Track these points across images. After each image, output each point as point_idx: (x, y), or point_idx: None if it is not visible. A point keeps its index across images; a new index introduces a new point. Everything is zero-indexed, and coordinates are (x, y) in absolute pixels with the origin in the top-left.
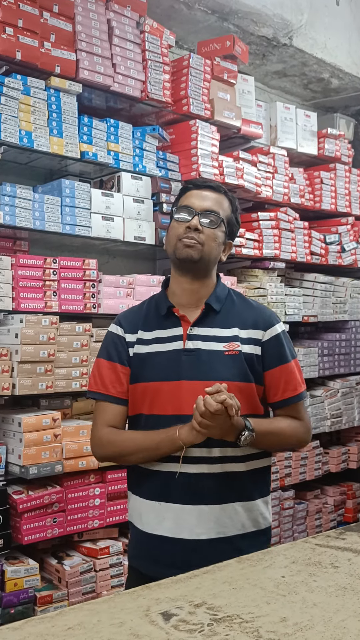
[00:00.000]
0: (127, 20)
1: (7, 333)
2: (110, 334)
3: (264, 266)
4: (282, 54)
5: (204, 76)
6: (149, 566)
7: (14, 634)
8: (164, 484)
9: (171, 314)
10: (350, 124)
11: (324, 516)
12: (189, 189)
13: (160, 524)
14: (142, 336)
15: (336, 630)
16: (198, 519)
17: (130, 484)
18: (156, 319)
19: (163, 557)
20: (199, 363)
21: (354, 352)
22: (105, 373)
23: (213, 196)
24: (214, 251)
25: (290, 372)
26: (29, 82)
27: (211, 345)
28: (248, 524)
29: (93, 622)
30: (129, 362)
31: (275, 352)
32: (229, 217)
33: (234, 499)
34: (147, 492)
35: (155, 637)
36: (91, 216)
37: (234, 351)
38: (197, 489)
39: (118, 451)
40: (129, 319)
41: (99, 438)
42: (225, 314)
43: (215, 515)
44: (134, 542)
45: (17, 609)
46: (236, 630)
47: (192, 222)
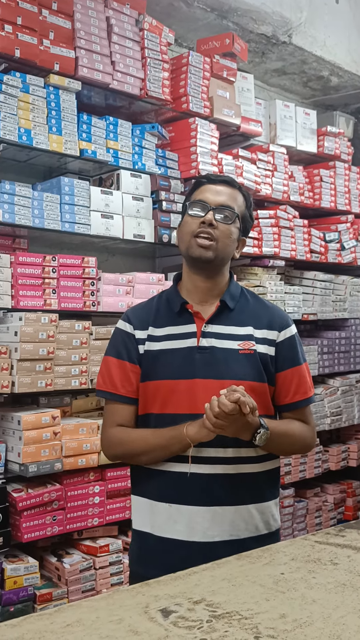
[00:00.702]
0: (126, 18)
1: (6, 331)
2: (118, 331)
3: (263, 264)
4: (282, 51)
5: (203, 74)
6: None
7: (12, 630)
8: (175, 485)
9: (184, 311)
10: (350, 121)
11: (324, 514)
12: (202, 184)
13: (171, 527)
14: (153, 333)
15: (335, 626)
16: (212, 521)
17: (136, 486)
18: (168, 315)
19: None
20: (214, 361)
21: (353, 350)
22: (114, 372)
23: (228, 191)
24: (228, 248)
25: (302, 375)
26: (28, 80)
27: (226, 343)
28: (261, 526)
29: (92, 619)
30: (139, 360)
31: (289, 354)
32: (243, 213)
33: (248, 500)
34: (156, 493)
35: (154, 633)
36: (90, 214)
37: (249, 350)
38: (211, 490)
39: (128, 450)
40: (138, 315)
41: (108, 438)
42: (239, 312)
43: (230, 517)
44: (139, 548)
45: (17, 607)
46: (235, 626)
47: (207, 217)
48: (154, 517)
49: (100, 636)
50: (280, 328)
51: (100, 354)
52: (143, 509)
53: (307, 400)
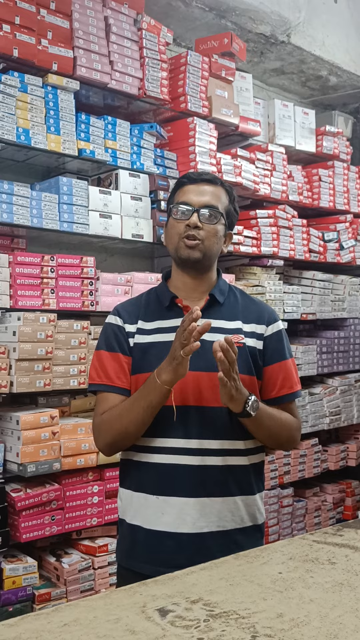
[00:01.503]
0: (124, 18)
1: (4, 331)
2: (109, 325)
3: (262, 264)
4: (280, 51)
5: (201, 73)
6: (145, 565)
7: (10, 630)
8: (164, 477)
9: (174, 305)
10: (349, 121)
11: (322, 514)
12: (184, 184)
13: (160, 518)
14: (142, 326)
15: (332, 626)
16: (201, 512)
17: (124, 479)
18: (158, 309)
19: (163, 554)
20: (204, 354)
21: (352, 350)
22: (108, 364)
23: (210, 189)
24: (215, 246)
25: (288, 370)
26: (26, 80)
27: (215, 336)
28: (246, 518)
29: (89, 619)
30: (130, 352)
31: (276, 348)
32: (227, 209)
33: (235, 492)
34: (144, 486)
35: (152, 633)
36: (89, 214)
37: (239, 343)
38: (200, 481)
39: (116, 428)
40: (128, 309)
41: (98, 425)
42: (228, 307)
43: (217, 508)
44: (127, 541)
45: (16, 607)
46: (232, 626)
47: (192, 220)
48: (142, 510)
49: (98, 636)
50: (268, 322)
51: None
52: (128, 501)
53: (293, 394)
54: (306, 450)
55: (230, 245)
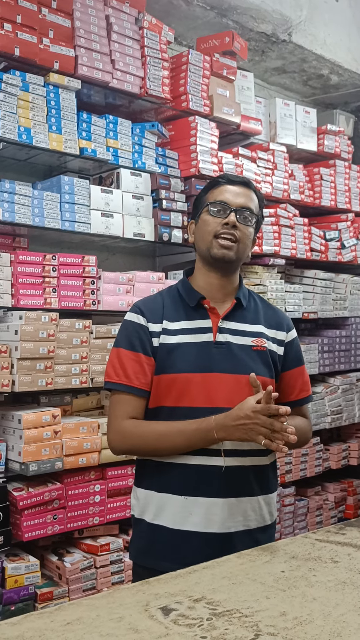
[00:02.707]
0: (125, 17)
1: (6, 330)
2: (131, 323)
3: (263, 263)
4: (282, 50)
5: (203, 72)
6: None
7: (13, 629)
8: (191, 478)
9: (200, 306)
10: (350, 120)
11: (324, 513)
12: (220, 184)
13: (187, 518)
14: (167, 326)
15: (335, 624)
16: (228, 512)
17: (144, 479)
18: (182, 309)
19: (189, 553)
20: (231, 356)
21: (354, 349)
22: (128, 364)
23: (246, 192)
24: (247, 249)
25: (305, 374)
26: (27, 79)
27: (240, 339)
28: (267, 516)
29: (92, 617)
30: (154, 352)
31: (295, 354)
32: (258, 214)
33: (258, 492)
34: (170, 486)
35: (155, 631)
36: (90, 213)
37: (262, 347)
38: (228, 482)
39: (144, 443)
40: (150, 308)
41: (121, 431)
42: (250, 311)
43: (243, 508)
44: (146, 540)
45: (18, 606)
46: (235, 624)
47: (230, 219)
48: (167, 510)
49: (101, 634)
50: (288, 329)
51: (100, 352)
52: (154, 502)
53: (309, 397)
54: (308, 449)
55: None
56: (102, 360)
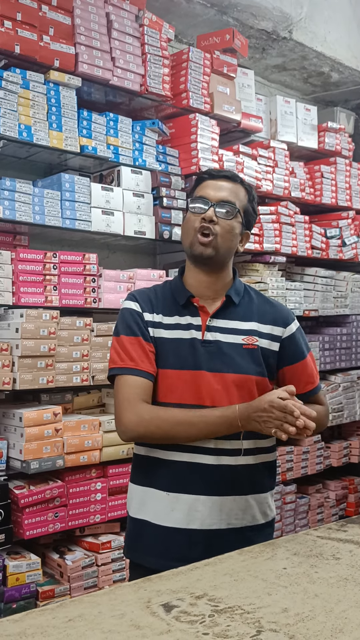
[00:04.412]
0: (126, 14)
1: (7, 328)
2: (128, 310)
3: (264, 260)
4: (282, 47)
5: (203, 70)
6: (153, 560)
7: (15, 625)
8: (178, 474)
9: (189, 304)
10: (351, 117)
11: (325, 510)
12: (204, 179)
13: (169, 514)
14: (162, 320)
15: (337, 620)
16: (211, 509)
17: (136, 475)
18: (174, 306)
19: (174, 549)
20: (219, 355)
21: (355, 347)
22: (131, 348)
23: (229, 186)
24: (230, 243)
25: (308, 367)
26: (28, 76)
27: (230, 337)
28: (258, 515)
29: (94, 614)
30: (152, 341)
31: (294, 349)
32: (245, 207)
33: (247, 491)
34: (156, 482)
35: (156, 628)
36: (91, 210)
37: (253, 345)
38: (212, 480)
39: (160, 427)
40: (144, 298)
41: (139, 413)
42: (243, 308)
43: (228, 506)
44: (136, 535)
45: (19, 604)
46: (237, 621)
47: (208, 214)
48: (152, 505)
49: (103, 631)
50: (285, 324)
51: (101, 350)
52: (141, 497)
53: (316, 388)
54: (309, 447)
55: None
56: (103, 358)
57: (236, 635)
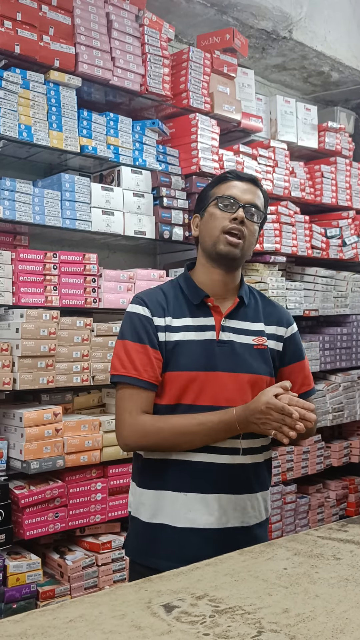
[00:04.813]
0: (126, 14)
1: (7, 328)
2: (136, 315)
3: (264, 260)
4: (282, 47)
5: (203, 70)
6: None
7: (15, 626)
8: (192, 475)
9: (203, 304)
10: (351, 117)
11: (326, 510)
12: (228, 179)
13: (186, 515)
14: (171, 323)
15: (338, 620)
16: (226, 508)
17: (144, 478)
18: (185, 306)
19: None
20: (233, 355)
21: (355, 346)
22: (135, 356)
23: (254, 190)
24: (252, 246)
25: (306, 368)
26: (28, 76)
27: (242, 338)
28: (263, 512)
29: (94, 615)
30: (160, 347)
31: (295, 349)
32: (264, 212)
33: (257, 488)
34: (170, 484)
35: (157, 628)
36: (91, 210)
37: (263, 345)
38: (227, 479)
39: (161, 439)
40: (154, 301)
41: (139, 426)
42: (251, 309)
43: (242, 504)
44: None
45: (20, 604)
46: (238, 621)
47: (239, 214)
48: (167, 508)
49: (103, 631)
50: (287, 324)
51: (101, 350)
52: (154, 501)
53: (312, 390)
54: (309, 446)
55: None
56: (103, 358)
57: (237, 636)
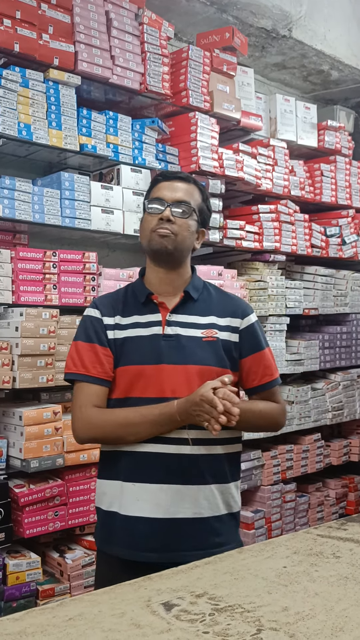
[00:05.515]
0: (125, 12)
1: (7, 326)
2: (87, 317)
3: (264, 259)
4: (282, 45)
5: (203, 68)
6: (123, 550)
7: (15, 624)
8: (140, 465)
9: (149, 301)
10: (350, 116)
11: (325, 509)
12: (159, 181)
13: (135, 504)
14: (119, 321)
15: (338, 619)
16: (175, 498)
17: (103, 470)
18: (134, 305)
19: (138, 539)
20: (179, 348)
21: (355, 345)
22: (85, 354)
23: (183, 187)
24: (187, 240)
25: (267, 359)
26: (27, 75)
27: (189, 331)
28: (222, 506)
29: (94, 613)
30: (109, 344)
31: (252, 340)
32: (200, 206)
33: (211, 481)
34: (122, 474)
35: (157, 627)
36: (91, 209)
37: (212, 337)
38: (177, 469)
39: (107, 430)
40: (106, 303)
41: (87, 419)
42: (202, 303)
43: (193, 495)
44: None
45: (19, 603)
46: (237, 619)
47: (165, 213)
48: (120, 497)
49: (103, 630)
50: (243, 316)
51: None
52: (110, 490)
53: (274, 381)
54: (309, 445)
55: (233, 241)
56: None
57: (236, 634)
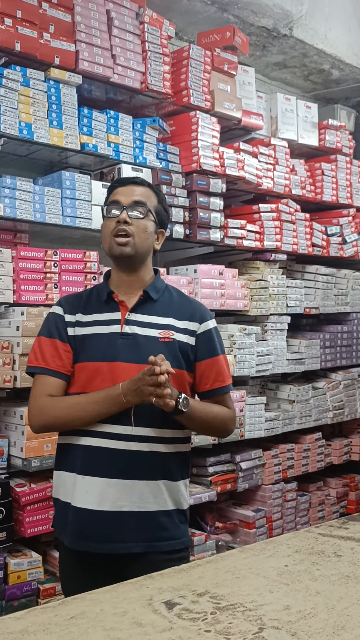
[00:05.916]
0: (126, 11)
1: (8, 326)
2: (51, 314)
3: (265, 258)
4: (283, 45)
5: (204, 67)
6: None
7: (17, 623)
8: (90, 459)
9: (111, 300)
10: (351, 115)
11: (326, 508)
12: (115, 187)
13: (83, 496)
14: (80, 319)
15: (339, 617)
16: (121, 492)
17: (58, 461)
18: (96, 303)
19: (87, 529)
20: (135, 346)
21: (355, 344)
22: (45, 349)
23: (139, 190)
24: (146, 241)
25: (220, 365)
26: (28, 74)
27: (147, 331)
28: (170, 502)
29: (96, 612)
30: (69, 340)
31: (208, 345)
32: (156, 208)
33: (158, 477)
34: (73, 466)
35: (159, 625)
36: (92, 208)
37: (169, 338)
38: (123, 464)
39: (61, 416)
40: (70, 301)
41: (40, 407)
42: (162, 304)
43: (139, 490)
44: (58, 516)
45: (21, 602)
46: (239, 618)
47: (121, 216)
48: (70, 488)
49: (104, 628)
50: (201, 320)
51: None
52: (63, 481)
53: (226, 387)
54: (310, 444)
55: (234, 240)
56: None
57: (238, 633)
